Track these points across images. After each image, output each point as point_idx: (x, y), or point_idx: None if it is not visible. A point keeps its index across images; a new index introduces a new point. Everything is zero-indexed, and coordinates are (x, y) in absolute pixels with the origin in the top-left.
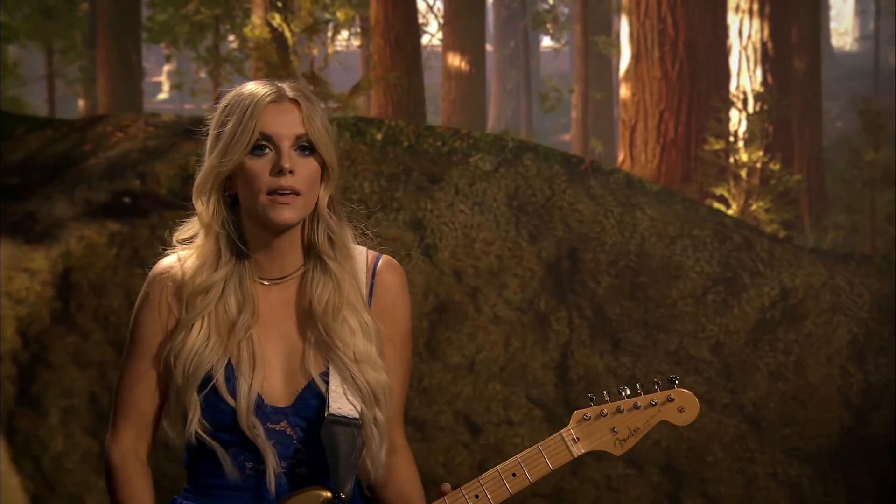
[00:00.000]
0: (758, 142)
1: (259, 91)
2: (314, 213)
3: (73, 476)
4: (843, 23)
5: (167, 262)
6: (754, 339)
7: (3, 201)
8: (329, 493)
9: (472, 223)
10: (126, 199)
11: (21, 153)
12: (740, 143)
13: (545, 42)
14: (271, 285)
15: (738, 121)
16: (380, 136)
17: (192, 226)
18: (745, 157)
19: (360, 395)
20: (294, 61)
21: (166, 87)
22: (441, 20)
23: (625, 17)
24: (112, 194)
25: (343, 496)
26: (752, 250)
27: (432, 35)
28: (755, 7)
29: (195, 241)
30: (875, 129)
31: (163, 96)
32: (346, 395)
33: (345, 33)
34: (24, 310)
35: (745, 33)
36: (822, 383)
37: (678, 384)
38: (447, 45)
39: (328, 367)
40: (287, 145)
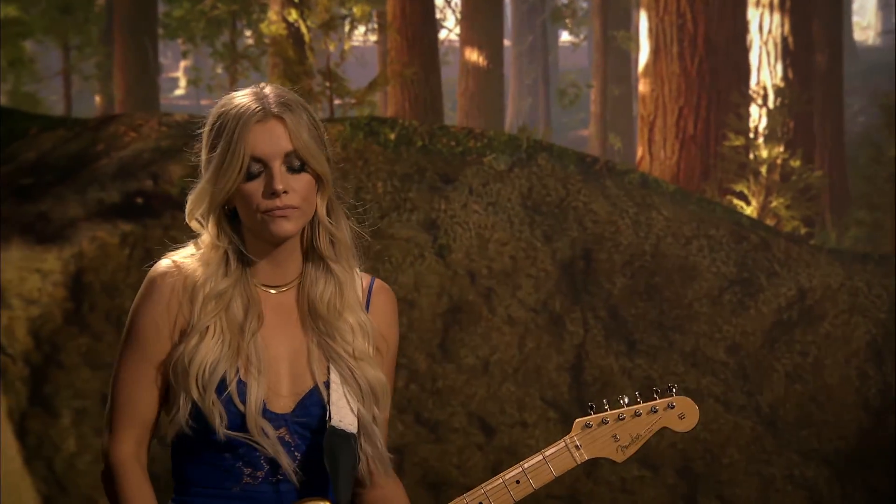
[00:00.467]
0: (778, 137)
1: (244, 110)
2: (314, 219)
3: (85, 477)
4: (866, 17)
5: (169, 263)
6: (771, 340)
7: (16, 201)
8: None
9: (486, 223)
10: (138, 200)
11: (34, 153)
12: (760, 140)
13: (564, 37)
14: (274, 292)
15: (758, 116)
16: (393, 136)
17: (188, 249)
18: (765, 154)
19: (359, 393)
20: (310, 57)
21: (183, 82)
22: (459, 15)
23: (644, 11)
24: (124, 195)
25: None
26: (768, 251)
27: (450, 30)
28: (776, 1)
29: (188, 248)
30: None
31: (179, 92)
32: (348, 404)
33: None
34: (37, 311)
35: (765, 28)
36: (840, 385)
37: (676, 392)
38: (465, 40)
39: (329, 374)
40: (277, 164)
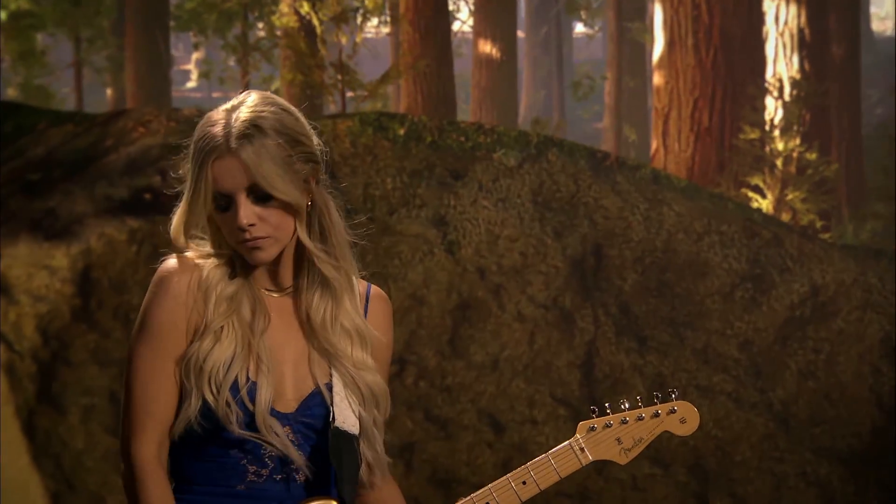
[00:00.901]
0: (794, 130)
1: (206, 143)
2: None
3: (93, 475)
4: (884, 7)
5: (182, 260)
6: (783, 337)
7: (24, 197)
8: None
9: (496, 219)
10: (147, 196)
11: (42, 148)
12: (776, 132)
13: (578, 28)
14: (276, 296)
15: (773, 109)
16: (402, 132)
17: (203, 246)
18: (780, 146)
19: (360, 397)
20: (322, 49)
21: (195, 75)
22: (472, 6)
23: (659, 3)
24: (133, 191)
25: None
26: (781, 246)
27: (463, 22)
28: None
29: (205, 246)
30: None
31: (191, 84)
32: (350, 406)
33: (374, 20)
34: (45, 307)
35: (781, 19)
36: (853, 382)
37: (677, 396)
38: (478, 31)
39: (332, 375)
40: (242, 198)
